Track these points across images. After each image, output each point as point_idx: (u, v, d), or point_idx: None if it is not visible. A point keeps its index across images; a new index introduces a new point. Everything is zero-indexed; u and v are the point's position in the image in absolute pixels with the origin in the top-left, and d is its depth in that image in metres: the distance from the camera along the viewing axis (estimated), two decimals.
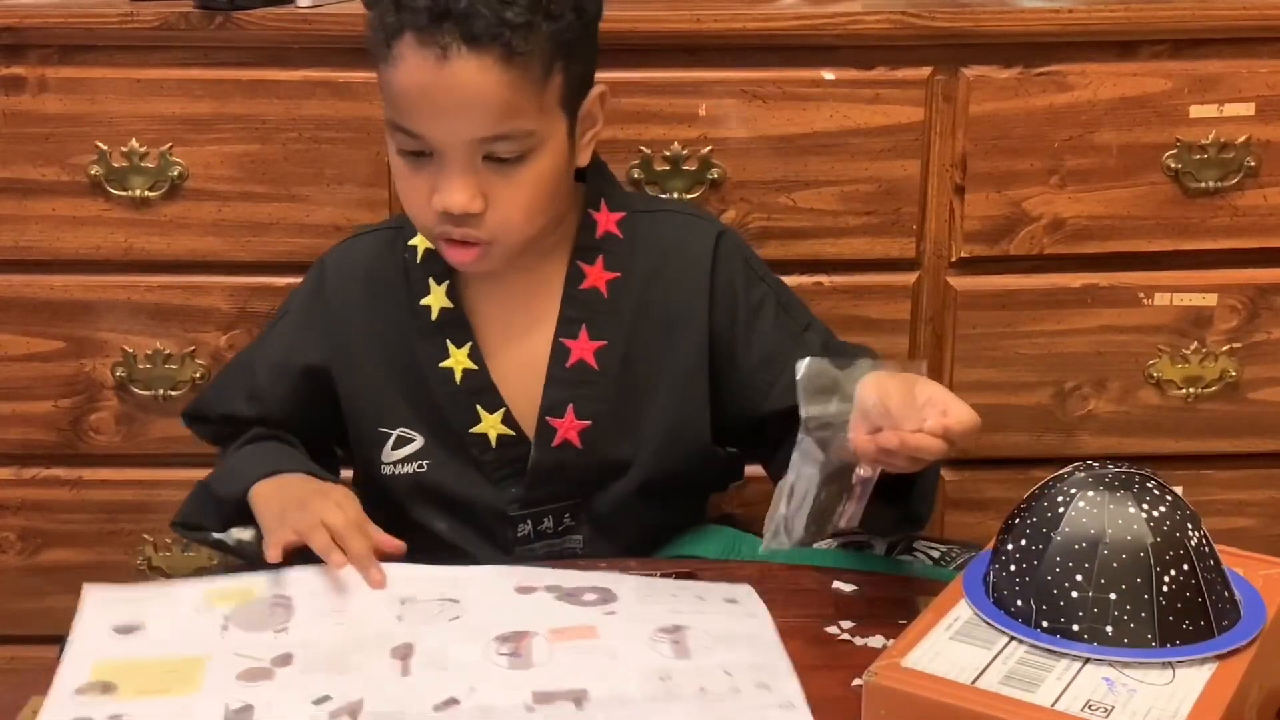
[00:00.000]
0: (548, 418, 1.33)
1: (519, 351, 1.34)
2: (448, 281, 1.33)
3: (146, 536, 1.72)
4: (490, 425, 1.34)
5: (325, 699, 1.07)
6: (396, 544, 1.24)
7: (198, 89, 1.58)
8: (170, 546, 1.72)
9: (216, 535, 1.33)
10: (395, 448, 1.36)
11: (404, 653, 1.13)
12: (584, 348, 1.33)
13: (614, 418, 1.34)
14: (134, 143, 1.59)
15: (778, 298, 1.38)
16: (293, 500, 1.27)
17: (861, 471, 1.14)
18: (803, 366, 1.11)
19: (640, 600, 1.19)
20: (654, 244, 1.36)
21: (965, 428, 1.09)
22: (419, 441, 1.36)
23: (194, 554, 1.72)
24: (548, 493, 1.35)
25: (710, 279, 1.35)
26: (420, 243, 1.35)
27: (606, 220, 1.35)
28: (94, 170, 1.59)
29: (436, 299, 1.34)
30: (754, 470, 1.46)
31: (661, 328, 1.35)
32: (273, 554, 1.21)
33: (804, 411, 1.11)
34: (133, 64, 1.58)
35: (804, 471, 1.12)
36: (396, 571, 1.22)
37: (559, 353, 1.33)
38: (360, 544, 1.20)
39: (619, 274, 1.34)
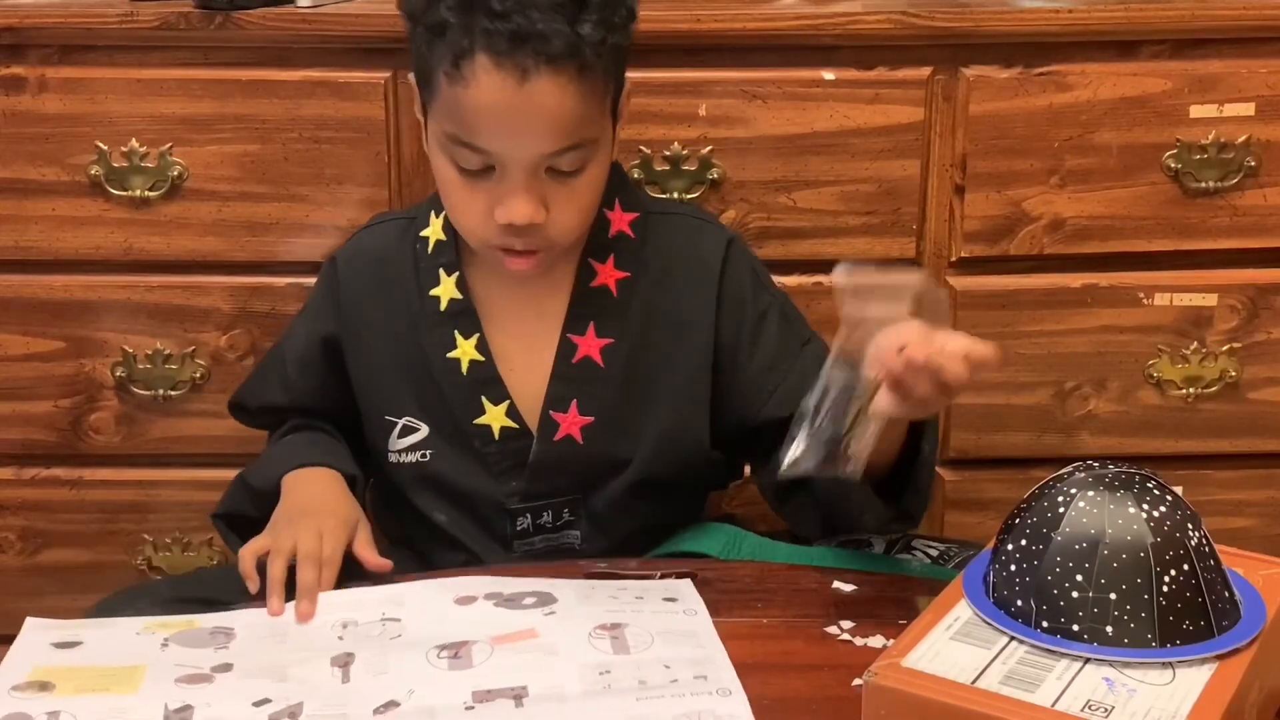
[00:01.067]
0: (551, 412, 1.34)
1: (526, 345, 1.35)
2: (457, 273, 1.35)
3: (146, 536, 1.72)
4: (494, 417, 1.35)
5: (265, 701, 1.08)
6: (381, 564, 1.26)
7: (198, 89, 1.58)
8: (170, 546, 1.72)
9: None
10: (400, 436, 1.38)
11: (344, 661, 1.14)
12: (591, 344, 1.34)
13: (616, 415, 1.35)
14: (134, 143, 1.59)
15: (782, 309, 1.40)
16: (296, 508, 1.30)
17: (879, 403, 1.12)
18: (842, 269, 1.11)
19: (580, 601, 1.21)
20: (665, 246, 1.37)
21: (985, 356, 1.08)
22: (424, 431, 1.37)
23: (194, 554, 1.73)
24: (547, 487, 1.36)
25: (719, 284, 1.36)
26: (432, 233, 1.36)
27: (620, 220, 1.36)
28: (94, 170, 1.59)
29: (446, 290, 1.35)
30: None
31: (668, 329, 1.36)
32: (244, 563, 1.24)
33: (848, 310, 1.11)
34: (133, 64, 1.58)
35: (834, 379, 1.12)
36: (337, 598, 1.23)
37: (566, 348, 1.34)
38: (308, 576, 1.22)
39: (629, 274, 1.35)
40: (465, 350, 1.34)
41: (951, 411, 1.68)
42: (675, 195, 1.59)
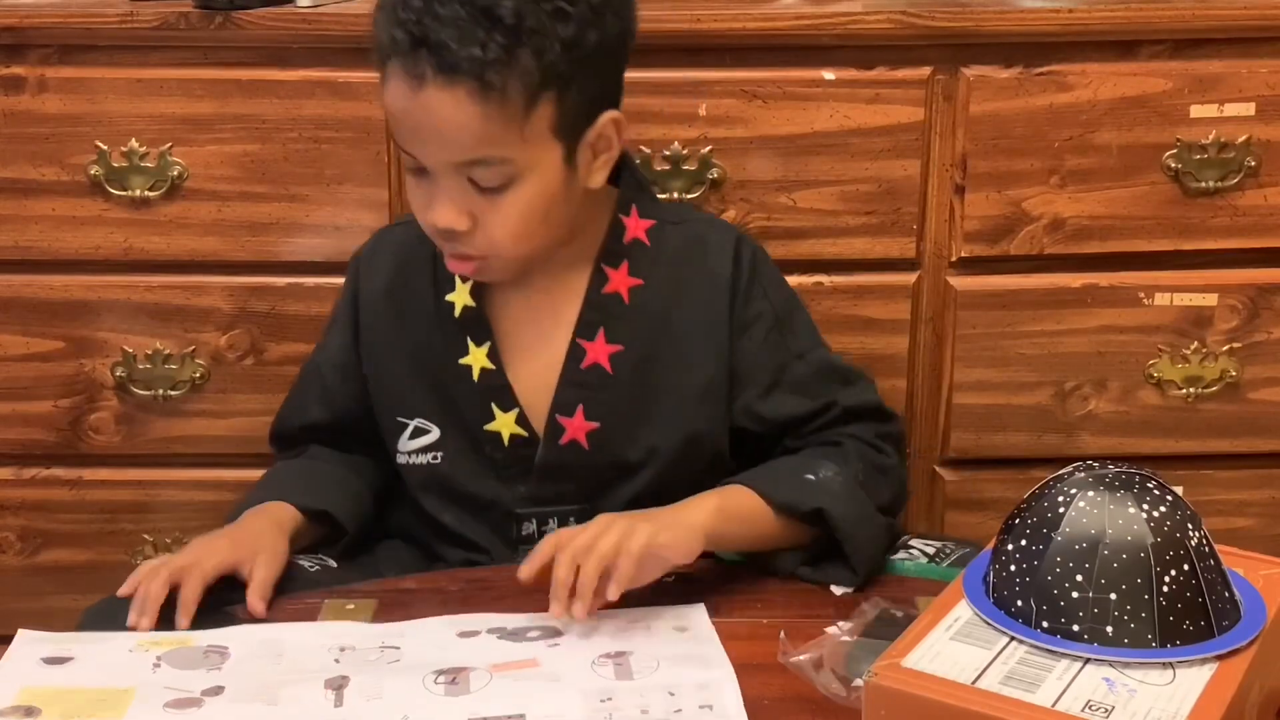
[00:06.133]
0: (557, 416, 1.34)
1: (537, 352, 1.36)
2: (472, 280, 1.35)
3: (146, 536, 1.72)
4: (504, 424, 1.35)
5: None
6: (255, 608, 1.23)
7: (198, 89, 1.58)
8: (170, 546, 1.72)
9: None
10: (412, 437, 1.38)
11: (338, 684, 1.11)
12: (600, 350, 1.34)
13: (624, 422, 1.35)
14: (134, 143, 1.59)
15: (776, 316, 1.38)
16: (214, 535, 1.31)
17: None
18: None
19: (586, 633, 1.18)
20: (678, 254, 1.37)
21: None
22: (435, 433, 1.38)
23: None
24: (554, 493, 1.36)
25: (730, 289, 1.36)
26: None
27: (636, 227, 1.36)
28: (94, 170, 1.59)
29: (460, 296, 1.36)
30: None
31: (680, 338, 1.36)
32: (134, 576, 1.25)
33: None
34: (133, 64, 1.58)
35: None
36: (336, 629, 1.21)
37: (574, 353, 1.34)
38: (155, 588, 1.21)
39: (641, 281, 1.35)
40: (477, 357, 1.35)
41: (951, 411, 1.68)
42: (675, 195, 1.59)
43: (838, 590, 1.27)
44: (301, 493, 1.37)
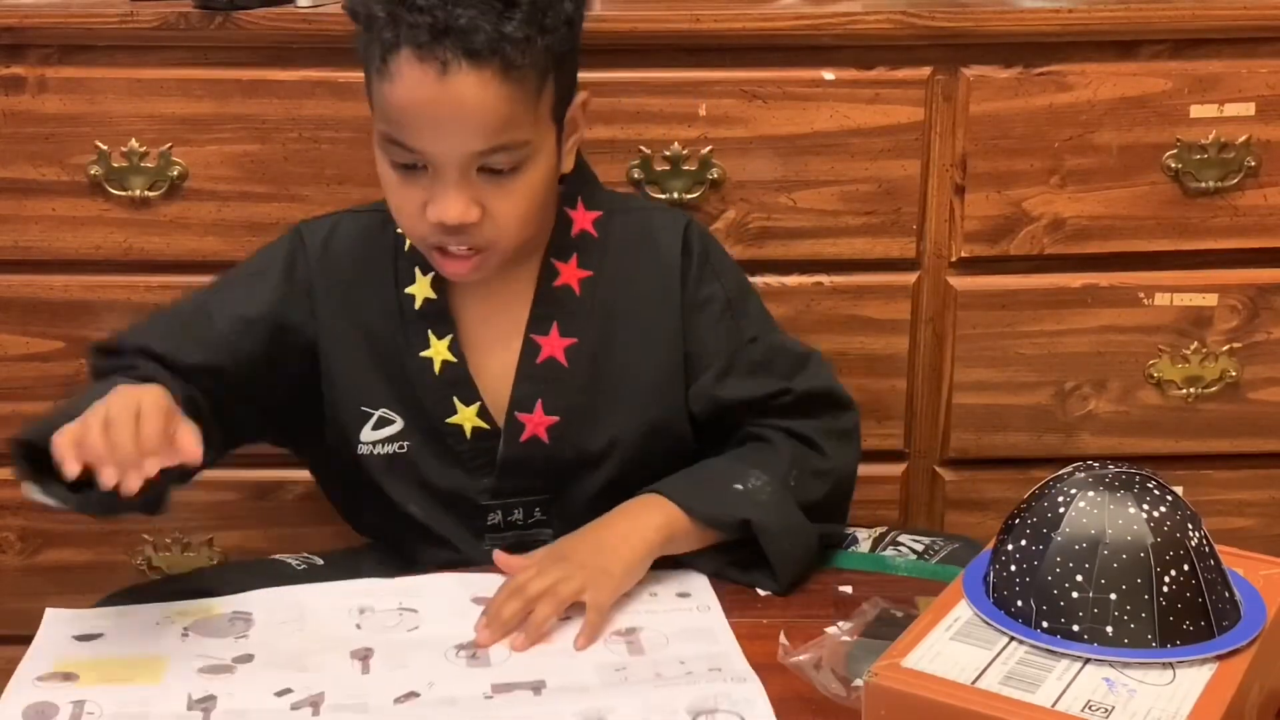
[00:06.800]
0: (516, 413, 1.34)
1: (496, 346, 1.36)
2: (433, 272, 1.34)
3: (146, 536, 1.72)
4: (465, 417, 1.35)
5: (287, 691, 1.11)
6: (189, 449, 1.14)
7: (198, 89, 1.58)
8: (170, 547, 1.72)
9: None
10: (376, 428, 1.37)
11: (363, 654, 1.16)
12: (554, 344, 1.34)
13: (583, 414, 1.35)
14: (134, 143, 1.59)
15: (728, 299, 1.38)
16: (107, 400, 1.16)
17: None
18: None
19: None
20: (627, 242, 1.37)
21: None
22: (399, 424, 1.37)
23: (194, 554, 1.73)
24: (517, 485, 1.37)
25: (681, 275, 1.36)
26: None
27: (582, 219, 1.36)
28: (94, 170, 1.59)
29: (421, 289, 1.35)
30: None
31: (633, 326, 1.36)
32: (58, 448, 1.11)
33: None
34: (133, 64, 1.58)
35: None
36: (353, 586, 1.26)
37: (529, 349, 1.34)
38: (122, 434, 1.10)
39: (591, 272, 1.35)
40: (438, 350, 1.34)
41: (951, 411, 1.68)
42: (675, 195, 1.59)
43: (846, 588, 1.29)
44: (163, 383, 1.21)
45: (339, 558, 1.43)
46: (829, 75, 1.57)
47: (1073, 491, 0.99)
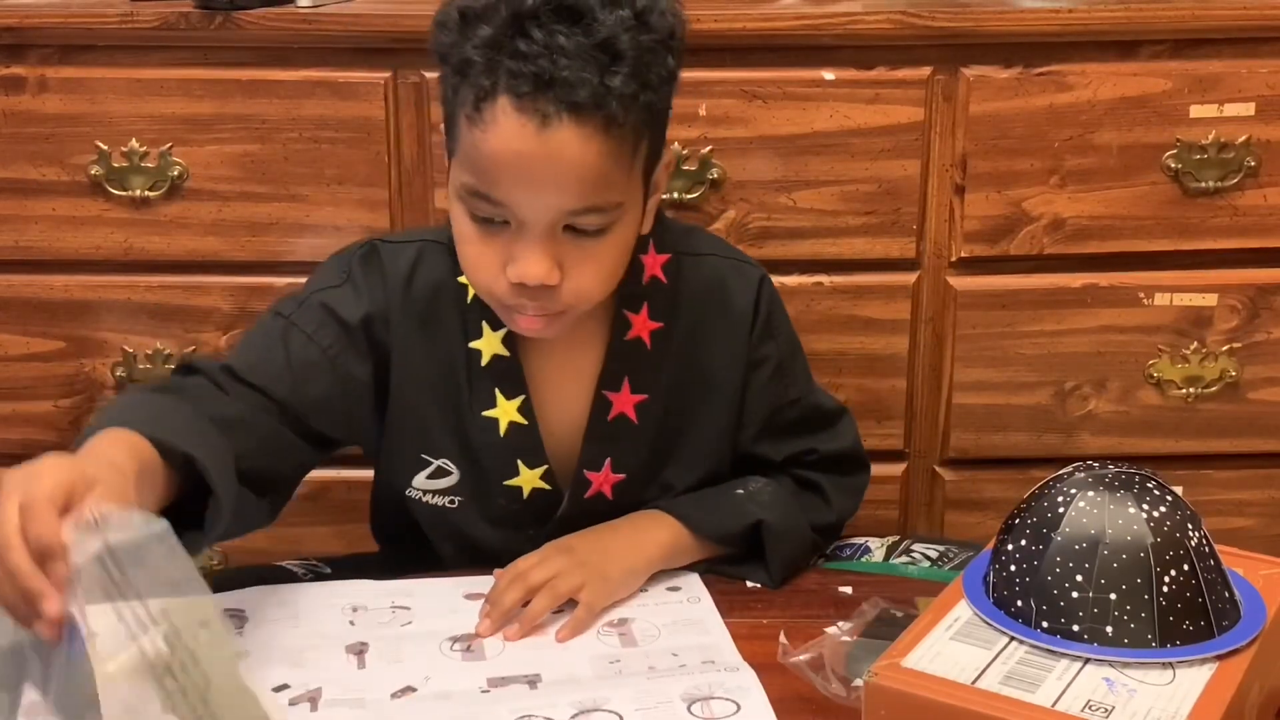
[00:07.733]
0: (585, 471, 1.30)
1: (565, 403, 1.30)
2: (504, 328, 1.26)
3: None
4: (527, 480, 1.30)
5: (284, 687, 1.11)
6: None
7: (198, 89, 1.58)
8: None
9: None
10: (431, 476, 1.31)
11: (359, 649, 1.17)
12: (625, 401, 1.29)
13: (647, 470, 1.32)
14: (134, 143, 1.59)
15: (780, 360, 1.35)
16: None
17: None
18: None
19: None
20: (698, 294, 1.31)
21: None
22: (455, 476, 1.31)
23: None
24: (562, 534, 1.31)
25: (750, 335, 1.32)
26: None
27: (653, 264, 1.29)
28: (94, 170, 1.59)
29: (490, 344, 1.27)
30: None
31: (700, 382, 1.32)
32: None
33: None
34: (133, 64, 1.58)
35: None
36: (345, 586, 1.26)
37: (600, 405, 1.29)
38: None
39: (662, 324, 1.29)
40: (505, 411, 1.28)
41: (951, 411, 1.68)
42: (675, 195, 1.59)
43: (845, 589, 1.29)
44: (158, 426, 1.10)
45: (344, 564, 1.39)
46: (829, 75, 1.57)
47: (1072, 491, 0.99)
